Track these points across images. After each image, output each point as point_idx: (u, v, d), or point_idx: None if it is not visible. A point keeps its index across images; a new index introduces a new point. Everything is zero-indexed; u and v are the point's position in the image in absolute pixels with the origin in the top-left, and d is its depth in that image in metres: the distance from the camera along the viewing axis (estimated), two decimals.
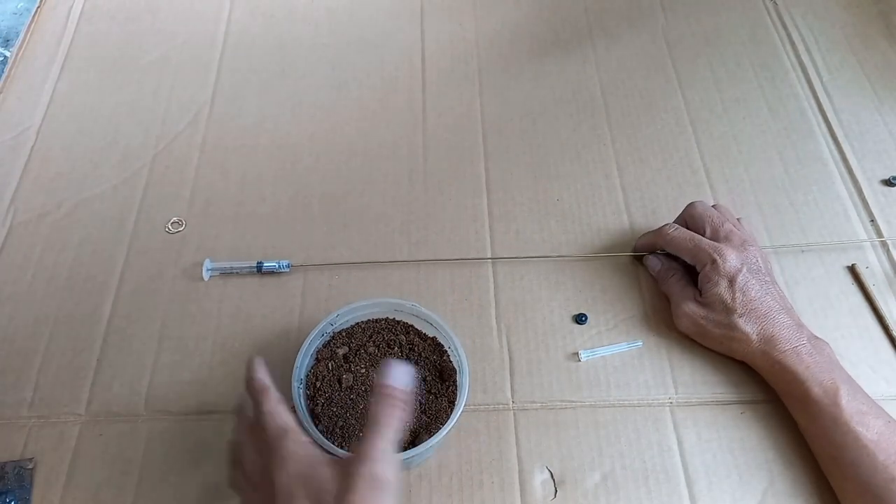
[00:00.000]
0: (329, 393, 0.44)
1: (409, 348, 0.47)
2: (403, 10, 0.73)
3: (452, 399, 0.44)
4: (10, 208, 0.58)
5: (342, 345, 0.46)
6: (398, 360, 0.40)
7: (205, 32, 0.71)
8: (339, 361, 0.45)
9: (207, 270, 0.54)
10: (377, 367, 0.45)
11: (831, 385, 0.44)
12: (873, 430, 0.42)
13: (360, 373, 0.45)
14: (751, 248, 0.49)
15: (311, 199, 0.59)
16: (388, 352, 0.46)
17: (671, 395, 0.49)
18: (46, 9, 0.73)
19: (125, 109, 0.65)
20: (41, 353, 0.51)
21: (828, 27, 0.71)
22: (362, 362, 0.45)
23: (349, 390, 0.44)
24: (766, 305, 0.47)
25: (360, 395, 0.44)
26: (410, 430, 0.43)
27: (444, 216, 0.58)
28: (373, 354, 0.46)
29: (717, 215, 0.52)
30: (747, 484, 0.45)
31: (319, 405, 0.43)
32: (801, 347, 0.46)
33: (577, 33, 0.71)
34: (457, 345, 0.45)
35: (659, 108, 0.65)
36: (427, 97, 0.66)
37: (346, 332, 0.47)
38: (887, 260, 0.55)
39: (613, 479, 0.45)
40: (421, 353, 0.46)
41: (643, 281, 0.54)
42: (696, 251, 0.49)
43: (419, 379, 0.45)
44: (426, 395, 0.45)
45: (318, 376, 0.45)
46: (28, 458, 0.46)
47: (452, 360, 0.46)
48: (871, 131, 0.63)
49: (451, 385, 0.45)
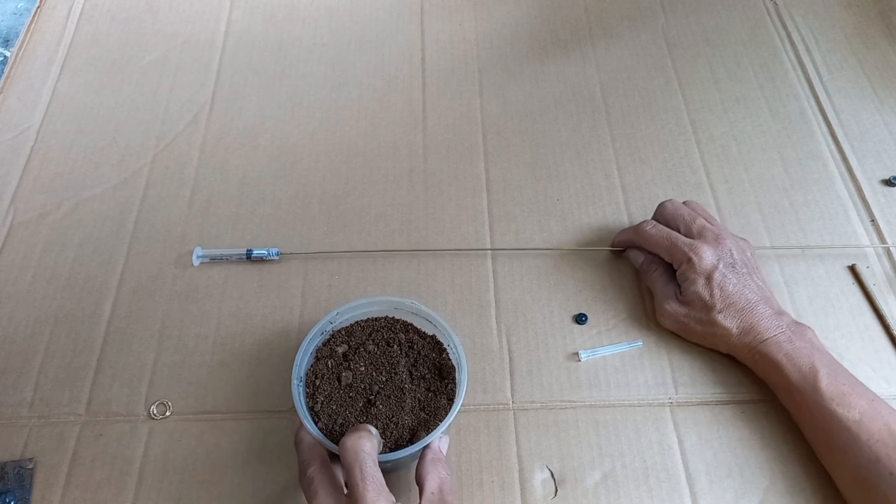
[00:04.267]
0: (328, 391, 0.44)
1: (409, 346, 0.47)
2: (403, 10, 0.73)
3: (451, 396, 0.44)
4: (10, 208, 0.58)
5: (341, 343, 0.46)
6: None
7: (205, 32, 0.71)
8: (339, 359, 0.45)
9: (198, 257, 0.55)
10: (376, 365, 0.45)
11: (810, 370, 0.44)
12: (856, 411, 0.42)
13: (360, 371, 0.45)
14: (725, 241, 0.49)
15: (311, 199, 0.59)
16: (387, 350, 0.46)
17: (671, 395, 0.49)
18: (46, 9, 0.73)
19: (125, 109, 0.65)
20: (41, 353, 0.51)
21: (828, 27, 0.71)
22: (361, 360, 0.45)
23: (349, 388, 0.44)
24: (745, 298, 0.47)
25: (359, 393, 0.44)
26: (409, 427, 0.43)
27: (444, 216, 0.58)
28: (372, 353, 0.46)
29: (689, 212, 0.52)
30: (749, 482, 0.45)
31: (319, 403, 0.43)
32: (780, 335, 0.46)
33: (577, 33, 0.71)
34: (456, 342, 0.45)
35: (659, 108, 0.65)
36: (427, 97, 0.66)
37: (346, 330, 0.47)
38: (887, 260, 0.55)
39: (614, 477, 0.45)
40: (420, 351, 0.46)
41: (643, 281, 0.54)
42: (672, 249, 0.50)
43: (418, 377, 0.45)
44: (425, 392, 0.45)
45: (318, 374, 0.45)
46: (28, 458, 0.46)
47: (451, 357, 0.46)
48: (871, 131, 0.63)
49: (450, 382, 0.45)
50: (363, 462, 0.36)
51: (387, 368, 0.45)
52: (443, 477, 0.39)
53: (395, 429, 0.42)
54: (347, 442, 0.37)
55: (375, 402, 0.43)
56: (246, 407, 0.48)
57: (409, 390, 0.44)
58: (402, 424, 0.42)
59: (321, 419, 0.43)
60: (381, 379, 0.44)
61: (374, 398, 0.43)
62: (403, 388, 0.44)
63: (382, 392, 0.44)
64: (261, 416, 0.48)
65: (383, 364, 0.45)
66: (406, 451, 0.40)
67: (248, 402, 0.48)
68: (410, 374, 0.45)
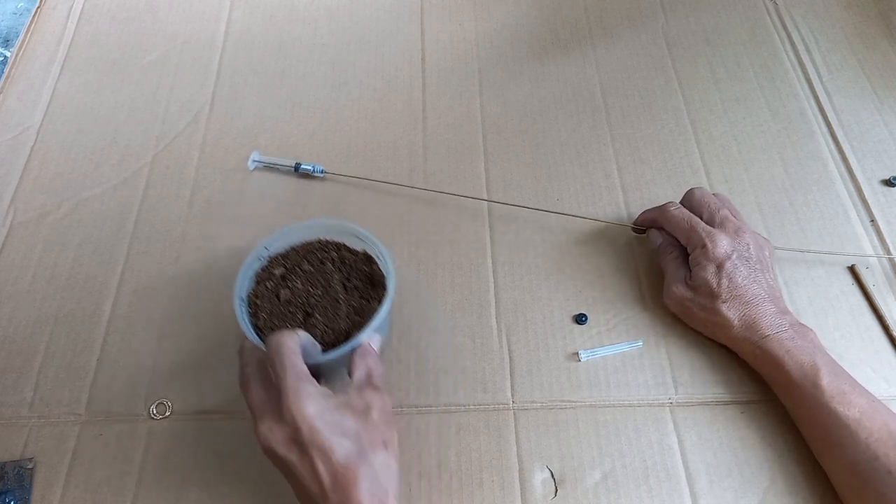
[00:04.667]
0: (269, 308, 0.47)
1: (341, 262, 0.50)
2: (403, 10, 0.73)
3: (383, 300, 0.47)
4: (10, 208, 0.58)
5: (278, 266, 0.49)
6: None
7: (205, 32, 0.71)
8: (277, 280, 0.48)
9: (253, 161, 0.60)
10: (312, 281, 0.48)
11: (811, 367, 0.44)
12: (855, 409, 0.42)
13: (297, 287, 0.48)
14: (745, 235, 0.49)
15: (311, 199, 0.59)
16: (321, 267, 0.49)
17: (671, 395, 0.49)
18: (46, 9, 0.73)
19: (125, 109, 0.65)
20: (41, 352, 0.51)
21: (828, 27, 0.71)
22: (298, 279, 0.48)
23: (287, 303, 0.47)
24: (752, 293, 0.47)
25: (297, 307, 0.47)
26: (345, 332, 0.46)
27: (445, 216, 0.58)
28: (307, 271, 0.49)
29: (715, 202, 0.52)
30: (749, 482, 0.45)
31: (261, 319, 0.46)
32: (782, 333, 0.46)
33: (577, 33, 0.71)
34: (384, 254, 0.48)
35: (659, 108, 0.65)
36: (427, 97, 0.66)
37: (282, 255, 0.50)
38: (887, 260, 0.55)
39: (614, 477, 0.45)
40: (352, 265, 0.50)
41: (643, 281, 0.54)
42: (689, 233, 0.50)
43: (352, 288, 0.48)
44: (359, 300, 0.48)
45: (258, 295, 0.47)
46: (28, 458, 0.46)
47: (381, 267, 0.49)
48: (871, 131, 0.63)
49: (381, 290, 0.48)
50: (284, 354, 0.39)
51: (322, 283, 0.48)
52: (371, 367, 0.43)
53: (333, 335, 0.45)
54: (272, 339, 0.40)
55: (313, 313, 0.46)
56: (246, 407, 0.48)
57: (344, 300, 0.47)
58: (338, 330, 0.46)
59: (265, 332, 0.45)
60: (317, 293, 0.48)
61: (312, 310, 0.47)
62: (338, 298, 0.47)
63: (319, 304, 0.47)
64: None
65: (318, 280, 0.48)
66: (339, 351, 0.43)
67: None
68: (344, 286, 0.48)
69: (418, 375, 0.50)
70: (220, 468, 0.46)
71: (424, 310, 0.53)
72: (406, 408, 0.48)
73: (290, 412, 0.37)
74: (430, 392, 0.49)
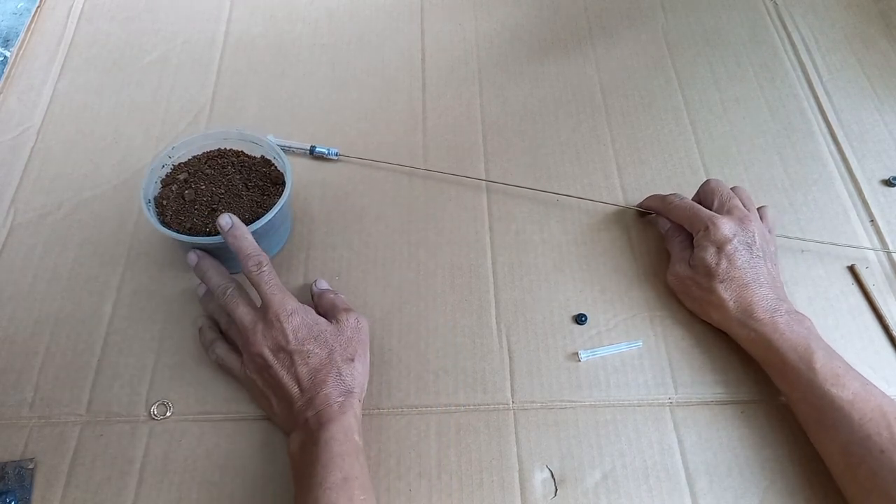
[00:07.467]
0: (175, 207, 0.51)
1: (241, 165, 0.54)
2: (403, 10, 0.73)
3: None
4: (10, 208, 0.58)
5: (182, 172, 0.53)
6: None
7: (205, 32, 0.71)
8: (181, 184, 0.52)
9: None
10: (214, 182, 0.52)
11: (806, 350, 0.44)
12: (849, 391, 0.43)
13: (201, 188, 0.52)
14: (751, 223, 0.50)
15: (311, 199, 0.59)
16: (222, 171, 0.53)
17: (671, 395, 0.49)
18: (46, 9, 0.73)
19: (125, 109, 0.65)
20: (42, 353, 0.51)
21: (828, 27, 0.71)
22: (201, 181, 0.53)
23: (192, 202, 0.51)
24: (749, 277, 0.48)
25: (202, 205, 0.51)
26: (249, 221, 0.49)
27: (445, 216, 0.58)
28: (209, 174, 0.53)
29: (728, 192, 0.53)
30: (749, 482, 0.45)
31: (168, 216, 0.51)
32: (777, 317, 0.46)
33: (577, 33, 0.71)
34: (281, 154, 0.53)
35: (659, 108, 0.65)
36: (427, 97, 0.66)
37: (185, 163, 0.54)
38: (887, 260, 0.56)
39: (614, 477, 0.45)
40: (252, 167, 0.54)
41: (644, 281, 0.54)
42: (693, 219, 0.51)
43: (253, 186, 0.53)
44: (260, 195, 0.52)
45: (165, 196, 0.52)
46: (28, 459, 0.46)
47: (279, 167, 0.54)
48: (871, 131, 0.63)
49: (281, 186, 0.53)
50: (262, 266, 0.46)
51: (224, 183, 0.52)
52: (331, 298, 0.50)
53: None
54: (223, 219, 0.47)
55: (217, 208, 0.51)
56: (246, 408, 0.48)
57: (246, 196, 0.52)
58: (243, 220, 0.49)
59: (172, 227, 0.50)
60: (220, 192, 0.52)
61: (216, 207, 0.51)
62: (241, 194, 0.52)
63: (223, 201, 0.51)
64: (261, 417, 0.48)
65: (220, 181, 0.53)
66: (251, 227, 0.48)
67: (248, 402, 0.48)
68: (246, 185, 0.53)
69: (418, 375, 0.50)
70: (221, 469, 0.46)
71: (424, 310, 0.53)
72: (406, 408, 0.48)
73: (279, 323, 0.45)
74: (430, 392, 0.49)
